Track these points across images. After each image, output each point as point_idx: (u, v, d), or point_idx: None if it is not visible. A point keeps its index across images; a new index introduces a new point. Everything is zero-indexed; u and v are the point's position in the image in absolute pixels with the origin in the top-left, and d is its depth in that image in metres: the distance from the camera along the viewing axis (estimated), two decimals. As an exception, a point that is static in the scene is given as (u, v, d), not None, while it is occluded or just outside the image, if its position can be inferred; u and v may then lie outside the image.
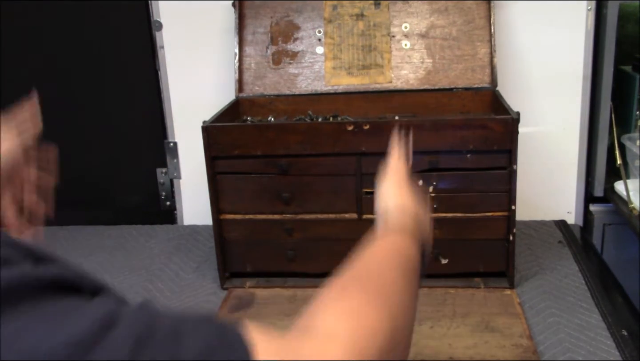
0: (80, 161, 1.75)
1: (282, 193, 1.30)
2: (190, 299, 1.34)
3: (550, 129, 1.58)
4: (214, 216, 1.33)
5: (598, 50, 1.54)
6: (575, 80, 1.55)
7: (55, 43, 1.68)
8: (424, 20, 1.51)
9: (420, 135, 1.23)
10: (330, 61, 1.52)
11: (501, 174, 1.25)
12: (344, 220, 1.31)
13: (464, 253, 1.31)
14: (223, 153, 1.29)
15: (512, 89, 1.54)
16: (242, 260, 1.37)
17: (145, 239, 1.65)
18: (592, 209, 1.64)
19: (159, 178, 1.75)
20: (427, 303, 1.26)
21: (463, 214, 1.28)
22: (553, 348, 1.10)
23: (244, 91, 1.54)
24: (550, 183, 1.62)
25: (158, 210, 1.78)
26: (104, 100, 1.71)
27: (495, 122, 1.22)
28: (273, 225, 1.33)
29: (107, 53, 1.68)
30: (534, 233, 1.55)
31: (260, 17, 1.55)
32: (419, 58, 1.50)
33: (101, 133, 1.73)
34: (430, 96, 1.49)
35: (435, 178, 1.26)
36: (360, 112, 1.50)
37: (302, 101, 1.51)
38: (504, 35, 1.54)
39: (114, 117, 1.72)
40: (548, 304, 1.24)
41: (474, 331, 1.16)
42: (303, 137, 1.26)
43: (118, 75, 1.69)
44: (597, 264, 1.43)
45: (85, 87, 1.70)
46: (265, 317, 1.24)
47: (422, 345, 1.12)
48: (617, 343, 1.10)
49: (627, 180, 1.50)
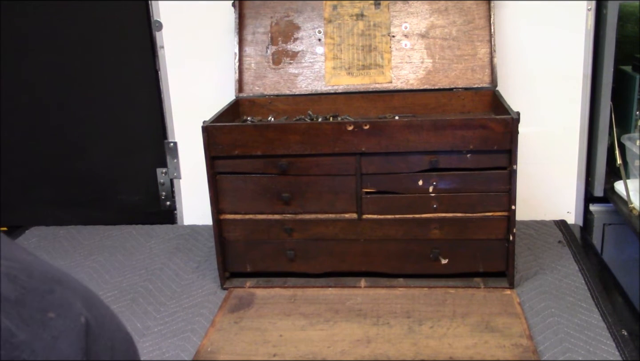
0: (81, 161, 1.76)
1: (282, 193, 1.30)
2: (190, 300, 1.34)
3: (550, 129, 1.58)
4: (214, 216, 1.33)
5: (598, 50, 1.54)
6: (575, 80, 1.55)
7: (55, 43, 1.68)
8: (424, 20, 1.51)
9: (420, 135, 1.23)
10: (330, 61, 1.52)
11: (501, 174, 1.25)
12: (344, 220, 1.31)
13: (464, 253, 1.31)
14: (223, 153, 1.29)
15: (512, 89, 1.54)
16: (242, 260, 1.37)
17: (145, 239, 1.65)
18: (592, 209, 1.64)
19: (159, 178, 1.75)
20: (427, 303, 1.26)
21: (463, 214, 1.28)
22: (553, 348, 1.10)
23: (244, 91, 1.54)
24: (550, 183, 1.62)
25: (158, 210, 1.78)
26: (104, 100, 1.71)
27: (495, 122, 1.22)
28: (273, 225, 1.33)
29: (107, 53, 1.68)
30: (534, 233, 1.55)
31: (260, 17, 1.55)
32: (419, 58, 1.50)
33: (101, 133, 1.73)
34: (430, 96, 1.49)
35: (435, 178, 1.26)
36: (360, 112, 1.51)
37: (302, 101, 1.51)
38: (504, 35, 1.54)
39: (114, 117, 1.72)
40: (548, 304, 1.24)
41: (473, 331, 1.16)
42: (303, 137, 1.26)
43: (118, 75, 1.69)
44: (597, 264, 1.43)
45: (85, 87, 1.70)
46: (265, 317, 1.24)
47: (422, 345, 1.12)
48: (617, 343, 1.10)
49: (627, 180, 1.50)
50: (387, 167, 1.27)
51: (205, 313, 1.28)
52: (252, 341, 1.16)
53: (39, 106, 1.73)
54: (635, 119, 1.54)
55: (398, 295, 1.29)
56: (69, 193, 1.78)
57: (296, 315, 1.24)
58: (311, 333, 1.18)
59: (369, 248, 1.32)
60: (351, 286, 1.33)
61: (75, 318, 0.41)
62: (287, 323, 1.22)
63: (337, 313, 1.24)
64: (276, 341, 1.16)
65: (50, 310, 0.40)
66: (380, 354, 1.10)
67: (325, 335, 1.17)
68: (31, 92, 1.72)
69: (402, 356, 1.09)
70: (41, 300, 0.40)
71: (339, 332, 1.18)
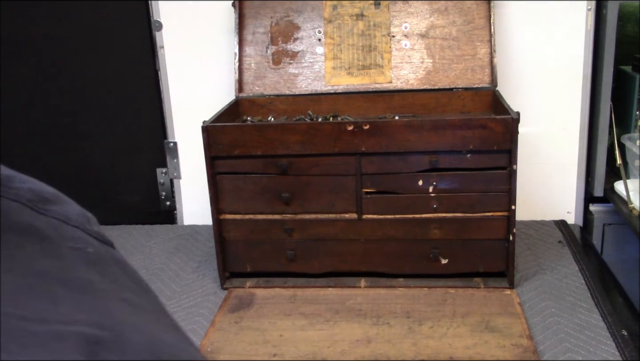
0: (81, 161, 1.76)
1: (282, 193, 1.30)
2: (190, 300, 1.34)
3: (550, 129, 1.58)
4: (214, 216, 1.33)
5: (598, 50, 1.54)
6: (575, 80, 1.55)
7: (55, 43, 1.68)
8: (424, 20, 1.51)
9: (420, 135, 1.23)
10: (330, 61, 1.52)
11: (501, 174, 1.25)
12: (344, 220, 1.31)
13: (464, 253, 1.31)
14: (223, 153, 1.29)
15: (512, 89, 1.54)
16: (242, 260, 1.37)
17: (145, 239, 1.65)
18: (592, 209, 1.64)
19: (159, 178, 1.75)
20: (427, 303, 1.26)
21: (463, 214, 1.28)
22: (553, 348, 1.10)
23: (244, 91, 1.54)
24: (550, 183, 1.62)
25: (158, 210, 1.78)
26: (104, 100, 1.71)
27: (495, 122, 1.22)
28: (273, 225, 1.33)
29: (107, 53, 1.68)
30: (534, 233, 1.55)
31: (260, 17, 1.55)
32: (419, 58, 1.50)
33: (101, 133, 1.73)
34: (430, 96, 1.49)
35: (435, 178, 1.26)
36: (360, 112, 1.50)
37: (302, 101, 1.51)
38: (504, 35, 1.54)
39: (114, 117, 1.72)
40: (548, 304, 1.24)
41: (473, 331, 1.16)
42: (303, 137, 1.26)
43: (118, 75, 1.69)
44: (597, 264, 1.43)
45: (85, 87, 1.70)
46: (265, 317, 1.24)
47: (422, 345, 1.12)
48: (617, 343, 1.10)
49: (627, 180, 1.50)
50: (387, 167, 1.27)
51: (205, 313, 1.28)
52: (252, 341, 1.16)
53: (39, 106, 1.73)
54: (635, 119, 1.54)
55: (398, 295, 1.29)
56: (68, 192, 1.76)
57: (296, 315, 1.24)
58: (311, 333, 1.18)
59: (369, 248, 1.32)
60: (351, 286, 1.33)
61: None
62: (287, 323, 1.22)
63: (337, 313, 1.24)
64: (276, 341, 1.16)
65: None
66: (380, 354, 1.10)
67: (325, 335, 1.17)
68: (31, 92, 1.72)
69: (402, 356, 1.09)
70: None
71: (339, 332, 1.18)
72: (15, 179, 0.33)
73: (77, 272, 0.32)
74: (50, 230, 0.33)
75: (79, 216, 0.36)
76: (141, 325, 0.31)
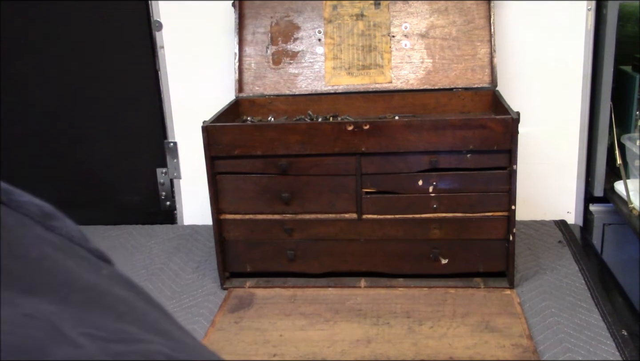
0: (81, 161, 1.76)
1: (282, 193, 1.30)
2: (190, 300, 1.34)
3: (550, 129, 1.58)
4: (214, 216, 1.33)
5: (598, 50, 1.54)
6: (575, 80, 1.55)
7: (55, 43, 1.68)
8: (424, 20, 1.51)
9: (420, 135, 1.23)
10: (330, 61, 1.52)
11: (501, 174, 1.25)
12: (344, 220, 1.31)
13: (464, 253, 1.31)
14: (223, 153, 1.29)
15: (512, 89, 1.54)
16: (242, 260, 1.37)
17: (145, 239, 1.65)
18: (592, 209, 1.64)
19: (159, 178, 1.75)
20: (427, 303, 1.26)
21: (463, 214, 1.28)
22: (553, 348, 1.10)
23: (244, 91, 1.54)
24: (550, 183, 1.62)
25: (158, 210, 1.78)
26: (104, 100, 1.71)
27: (495, 122, 1.22)
28: (273, 225, 1.33)
29: (107, 53, 1.68)
30: (534, 233, 1.55)
31: (260, 17, 1.55)
32: (419, 58, 1.50)
33: (101, 133, 1.73)
34: (430, 96, 1.49)
35: (435, 178, 1.26)
36: (360, 112, 1.50)
37: (302, 101, 1.51)
38: (504, 35, 1.54)
39: (114, 117, 1.72)
40: (548, 304, 1.24)
41: (473, 331, 1.16)
42: (303, 137, 1.26)
43: (118, 75, 1.69)
44: (597, 264, 1.43)
45: (85, 87, 1.70)
46: (265, 317, 1.24)
47: (422, 345, 1.12)
48: (617, 343, 1.10)
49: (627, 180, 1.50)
50: (387, 167, 1.27)
51: (205, 313, 1.28)
52: (252, 341, 1.16)
53: (39, 106, 1.73)
54: (635, 119, 1.54)
55: (398, 295, 1.29)
56: (68, 193, 1.78)
57: (296, 315, 1.24)
58: (311, 333, 1.18)
59: (369, 248, 1.32)
60: (351, 286, 1.33)
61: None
62: (287, 323, 1.22)
63: (337, 313, 1.24)
64: (276, 341, 1.16)
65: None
66: (380, 354, 1.10)
67: (325, 335, 1.17)
68: (31, 92, 1.72)
69: (402, 356, 1.09)
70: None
71: (339, 332, 1.18)
72: (15, 193, 0.30)
73: (114, 289, 0.30)
74: (63, 247, 0.30)
75: (78, 232, 0.34)
76: (193, 343, 0.30)
